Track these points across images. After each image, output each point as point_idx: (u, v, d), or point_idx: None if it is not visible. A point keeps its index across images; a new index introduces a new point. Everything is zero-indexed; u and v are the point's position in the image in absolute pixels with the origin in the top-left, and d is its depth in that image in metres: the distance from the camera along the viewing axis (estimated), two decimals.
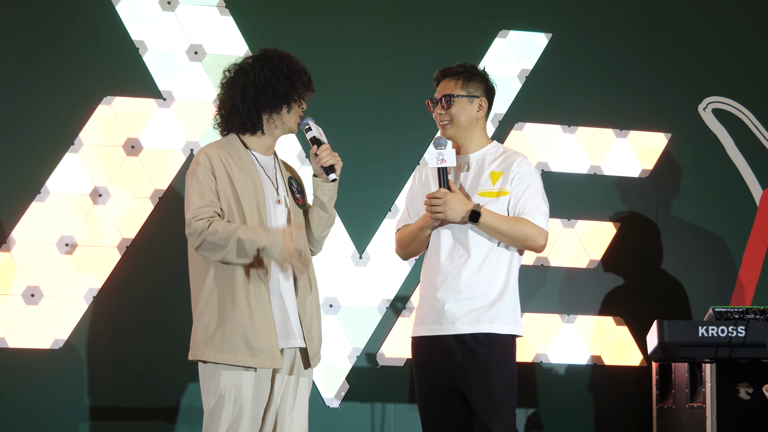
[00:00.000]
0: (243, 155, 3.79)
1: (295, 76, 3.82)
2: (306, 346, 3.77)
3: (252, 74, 3.80)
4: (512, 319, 3.97)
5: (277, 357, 3.65)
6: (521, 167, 4.03)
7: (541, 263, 6.18)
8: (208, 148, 3.78)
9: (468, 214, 3.92)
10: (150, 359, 5.69)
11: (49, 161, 5.70)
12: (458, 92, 4.09)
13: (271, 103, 3.79)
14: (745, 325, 5.37)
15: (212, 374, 3.66)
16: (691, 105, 6.51)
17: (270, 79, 3.79)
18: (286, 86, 3.80)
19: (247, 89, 3.79)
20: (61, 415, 5.57)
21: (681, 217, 6.40)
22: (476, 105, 4.10)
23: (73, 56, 5.81)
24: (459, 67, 4.15)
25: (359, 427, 5.88)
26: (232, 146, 3.80)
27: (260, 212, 3.72)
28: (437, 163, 4.02)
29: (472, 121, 4.10)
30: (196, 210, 3.65)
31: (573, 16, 6.46)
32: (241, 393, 3.63)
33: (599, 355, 6.18)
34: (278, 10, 6.11)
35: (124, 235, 5.73)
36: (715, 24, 6.62)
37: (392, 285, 6.00)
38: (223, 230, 3.59)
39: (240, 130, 3.84)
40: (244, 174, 3.74)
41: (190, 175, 3.73)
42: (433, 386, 4.01)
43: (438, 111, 4.12)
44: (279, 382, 3.74)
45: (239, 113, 3.80)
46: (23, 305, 5.58)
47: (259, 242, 3.59)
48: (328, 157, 3.86)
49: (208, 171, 3.70)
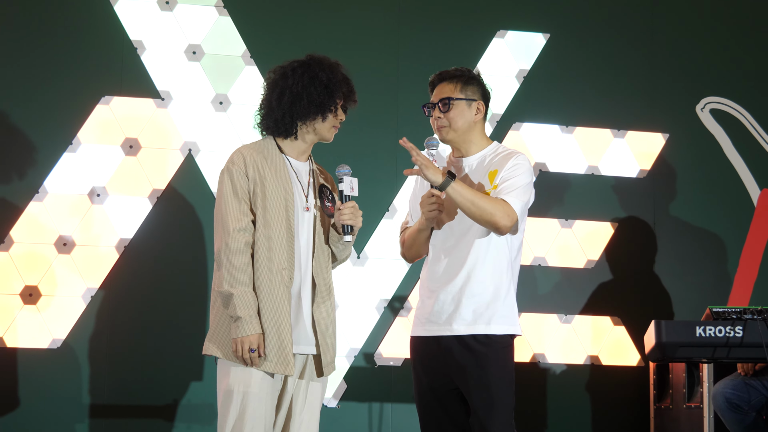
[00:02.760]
0: (277, 159, 3.80)
1: (335, 86, 3.82)
2: (319, 354, 3.79)
3: (291, 79, 3.80)
4: (510, 320, 3.96)
5: (290, 364, 3.67)
6: (514, 161, 3.99)
7: (538, 263, 6.19)
8: (244, 149, 3.80)
9: (444, 172, 3.87)
10: (148, 358, 5.69)
11: (48, 161, 5.70)
12: (457, 95, 4.05)
13: (306, 110, 3.80)
14: (742, 326, 5.37)
15: (226, 370, 3.70)
16: (688, 105, 6.52)
17: (308, 86, 3.79)
18: (324, 96, 3.80)
19: (284, 94, 3.79)
20: (59, 414, 5.57)
21: (679, 217, 6.41)
22: (474, 108, 4.06)
23: (71, 56, 5.81)
24: (456, 71, 4.10)
25: (357, 426, 5.89)
26: (267, 149, 3.81)
27: (288, 218, 3.73)
28: None
29: (470, 124, 4.07)
30: (235, 235, 3.67)
31: (571, 17, 6.46)
32: (249, 389, 3.65)
33: (597, 355, 6.18)
34: (276, 10, 6.11)
35: (122, 235, 5.73)
36: (713, 24, 6.63)
37: (390, 285, 6.01)
38: (240, 303, 3.63)
39: (275, 133, 3.85)
40: (276, 179, 3.75)
41: (225, 174, 3.75)
42: (431, 386, 4.01)
43: (436, 115, 4.08)
44: (291, 385, 3.77)
45: (274, 117, 3.81)
46: (21, 305, 5.58)
47: (241, 315, 3.61)
48: (349, 216, 3.83)
49: (242, 172, 3.73)
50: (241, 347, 3.61)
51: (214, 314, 3.74)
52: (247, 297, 3.63)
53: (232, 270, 3.65)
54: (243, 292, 3.63)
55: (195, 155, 5.85)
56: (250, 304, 3.63)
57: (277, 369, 3.66)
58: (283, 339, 3.66)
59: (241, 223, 3.68)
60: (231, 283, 3.64)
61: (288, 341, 3.66)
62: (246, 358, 3.62)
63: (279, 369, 3.66)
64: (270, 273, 3.68)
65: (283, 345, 3.66)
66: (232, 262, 3.65)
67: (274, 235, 3.70)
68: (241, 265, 3.65)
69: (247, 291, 3.64)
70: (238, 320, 3.62)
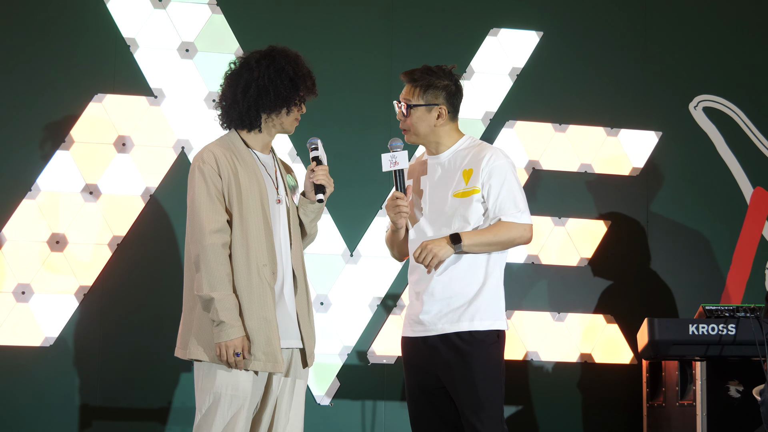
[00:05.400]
0: (245, 154, 3.78)
1: (299, 79, 3.80)
2: (303, 346, 3.78)
3: (257, 72, 3.77)
4: (493, 315, 3.93)
5: (279, 361, 3.65)
6: (491, 162, 3.96)
7: (531, 261, 6.19)
8: (212, 147, 3.76)
9: (449, 240, 3.88)
10: (141, 357, 5.68)
11: (40, 159, 5.69)
12: (416, 101, 4.03)
13: (272, 103, 3.77)
14: (735, 323, 5.39)
15: (207, 372, 3.66)
16: (681, 103, 6.52)
17: (274, 79, 3.76)
18: (289, 89, 3.78)
19: (249, 86, 3.76)
20: (51, 413, 5.56)
21: (671, 215, 6.41)
22: (435, 113, 4.02)
23: (63, 54, 5.80)
24: (420, 74, 4.05)
25: (350, 424, 5.88)
26: (234, 145, 3.79)
27: (265, 212, 3.72)
28: (390, 166, 4.00)
29: (432, 129, 4.03)
30: (212, 237, 3.63)
31: (564, 14, 6.46)
32: (239, 392, 3.63)
33: (589, 353, 6.19)
34: (269, 8, 6.10)
35: (114, 232, 5.72)
36: (706, 22, 6.63)
37: (383, 283, 6.01)
38: (221, 307, 3.59)
39: (238, 126, 3.82)
40: (248, 174, 3.73)
41: (196, 174, 3.70)
42: (420, 385, 4.01)
43: (399, 116, 4.09)
44: (276, 382, 3.74)
45: (238, 109, 3.78)
46: (14, 303, 5.57)
47: (224, 319, 3.58)
48: (323, 176, 3.85)
49: (215, 171, 3.69)
50: (226, 352, 3.59)
51: (195, 317, 3.69)
52: (228, 300, 3.60)
53: (210, 273, 3.61)
54: (223, 295, 3.60)
55: (188, 153, 5.84)
56: (232, 307, 3.60)
57: (266, 367, 3.64)
58: (270, 336, 3.64)
59: (217, 224, 3.65)
60: (210, 286, 3.60)
61: (275, 338, 3.64)
62: (231, 362, 3.59)
63: (269, 367, 3.64)
64: (249, 271, 3.65)
65: (270, 342, 3.64)
66: (209, 265, 3.61)
67: (251, 231, 3.68)
68: (220, 267, 3.62)
69: (228, 294, 3.61)
70: (220, 324, 3.58)
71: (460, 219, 3.95)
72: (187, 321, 3.72)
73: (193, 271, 3.67)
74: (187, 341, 3.69)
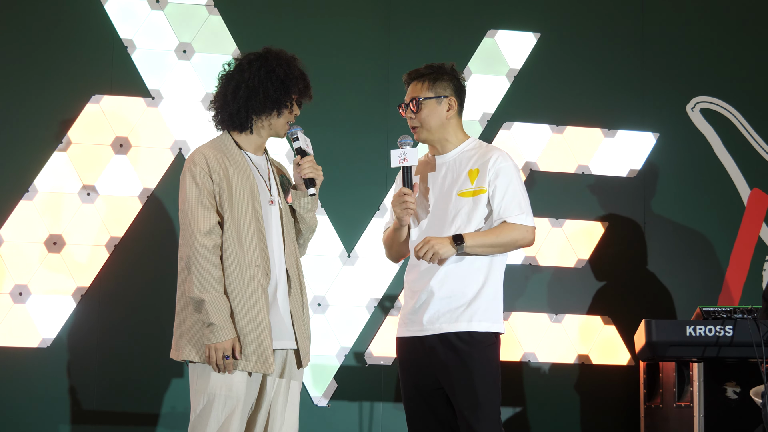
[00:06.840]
0: (237, 156, 3.77)
1: (291, 81, 3.78)
2: (298, 347, 3.78)
3: (248, 73, 3.76)
4: (492, 316, 3.94)
5: (270, 362, 3.65)
6: (498, 164, 3.97)
7: (529, 263, 6.19)
8: (204, 149, 3.76)
9: (452, 240, 3.89)
10: (138, 358, 5.68)
11: (38, 160, 5.69)
12: (425, 94, 4.02)
13: (261, 105, 3.76)
14: (732, 325, 5.38)
15: (201, 373, 3.66)
16: (679, 105, 6.53)
17: (264, 81, 3.75)
18: (280, 91, 3.76)
19: (239, 88, 3.76)
20: (48, 414, 5.56)
21: (669, 216, 6.42)
22: (445, 105, 4.03)
23: (61, 55, 5.80)
24: (425, 69, 4.07)
25: (347, 425, 5.89)
26: (226, 147, 3.78)
27: (257, 214, 3.71)
28: (399, 162, 3.99)
29: (443, 122, 4.04)
30: (203, 238, 3.63)
31: (562, 16, 6.47)
32: (233, 392, 3.63)
33: (587, 355, 6.19)
34: (267, 10, 6.10)
35: (112, 233, 5.72)
36: (704, 24, 6.63)
37: (380, 284, 6.01)
38: (212, 308, 3.58)
39: (229, 127, 3.82)
40: (240, 175, 3.72)
41: (187, 175, 3.70)
42: (416, 385, 4.01)
43: (408, 115, 4.06)
44: (270, 383, 3.74)
45: (229, 110, 3.78)
46: (11, 304, 5.57)
47: (214, 321, 3.58)
48: (310, 169, 3.83)
49: (206, 173, 3.68)
50: (215, 354, 3.58)
51: (187, 318, 3.69)
52: (219, 302, 3.59)
53: (201, 275, 3.60)
54: (215, 297, 3.59)
55: (185, 154, 5.84)
56: (223, 309, 3.60)
57: (257, 368, 3.63)
58: (262, 337, 3.63)
59: (208, 225, 3.64)
60: (201, 288, 3.60)
61: (267, 339, 3.64)
62: (219, 364, 3.59)
63: (259, 368, 3.64)
64: (242, 272, 3.64)
65: (261, 343, 3.63)
66: (200, 267, 3.61)
67: (244, 233, 3.67)
68: (211, 268, 3.61)
69: (219, 296, 3.60)
70: (211, 326, 3.58)
71: (462, 219, 3.95)
72: (180, 322, 3.73)
73: (185, 272, 3.68)
74: (180, 342, 3.69)
